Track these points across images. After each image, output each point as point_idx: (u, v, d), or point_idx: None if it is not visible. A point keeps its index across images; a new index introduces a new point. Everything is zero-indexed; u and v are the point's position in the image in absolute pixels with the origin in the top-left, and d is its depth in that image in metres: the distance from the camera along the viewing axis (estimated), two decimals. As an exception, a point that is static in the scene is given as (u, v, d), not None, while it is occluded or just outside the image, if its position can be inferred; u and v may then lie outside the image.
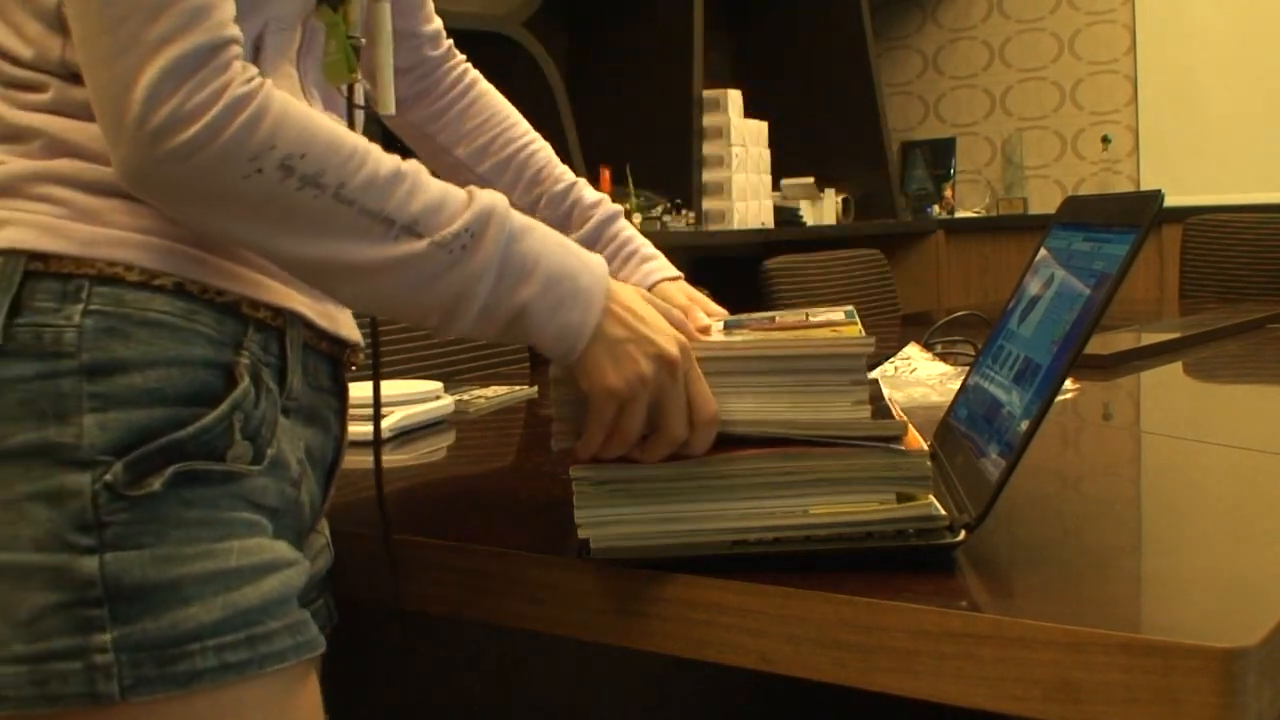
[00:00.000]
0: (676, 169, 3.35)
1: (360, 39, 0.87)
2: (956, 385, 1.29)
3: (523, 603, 0.84)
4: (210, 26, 0.68)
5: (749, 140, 3.57)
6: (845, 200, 4.01)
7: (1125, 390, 1.49)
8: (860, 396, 0.79)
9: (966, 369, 1.27)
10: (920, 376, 1.53)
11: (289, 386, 0.80)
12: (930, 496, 0.77)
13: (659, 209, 3.27)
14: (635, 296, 0.80)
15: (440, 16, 1.12)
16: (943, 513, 0.77)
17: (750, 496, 0.78)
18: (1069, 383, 1.47)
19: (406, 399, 1.33)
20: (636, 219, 3.14)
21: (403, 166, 0.74)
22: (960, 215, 4.33)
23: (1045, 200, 4.23)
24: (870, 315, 2.83)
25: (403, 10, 1.06)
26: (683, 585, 0.77)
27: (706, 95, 3.44)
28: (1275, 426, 1.19)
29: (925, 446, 0.78)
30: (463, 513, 0.97)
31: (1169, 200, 1.01)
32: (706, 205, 3.48)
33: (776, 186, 3.87)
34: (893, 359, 1.64)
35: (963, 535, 0.76)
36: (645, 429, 0.78)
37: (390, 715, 0.79)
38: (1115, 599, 0.69)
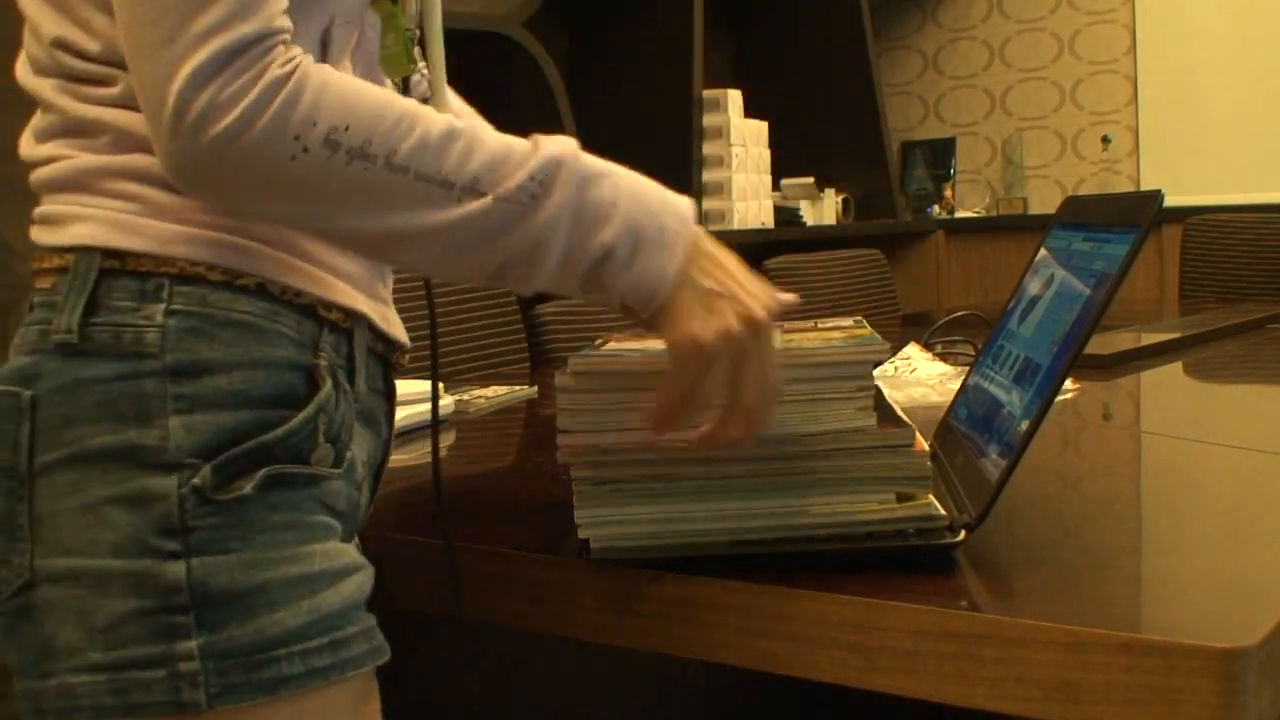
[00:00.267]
0: (676, 169, 3.35)
1: (416, 30, 0.86)
2: (956, 385, 1.29)
3: (523, 603, 0.84)
4: (256, 19, 0.67)
5: (749, 140, 3.57)
6: (845, 200, 4.01)
7: (1125, 390, 1.49)
8: (865, 403, 0.78)
9: (966, 369, 1.27)
10: (920, 376, 1.53)
11: (356, 389, 0.80)
12: (930, 496, 0.77)
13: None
14: (724, 249, 0.76)
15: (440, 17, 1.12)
16: (943, 513, 0.77)
17: (750, 496, 0.78)
18: (1069, 383, 1.47)
19: (406, 399, 1.33)
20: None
21: (456, 125, 0.71)
22: (960, 215, 4.33)
23: (1045, 200, 4.23)
24: (870, 315, 2.83)
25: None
26: (683, 585, 0.77)
27: (706, 95, 3.44)
28: (1275, 426, 1.19)
29: (925, 446, 0.78)
30: (463, 513, 0.97)
31: (1169, 200, 1.01)
32: (706, 205, 3.48)
33: (776, 186, 3.87)
34: (893, 359, 1.64)
35: (963, 535, 0.76)
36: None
37: (390, 715, 0.79)
38: (1115, 599, 0.69)
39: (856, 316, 0.96)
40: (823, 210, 3.93)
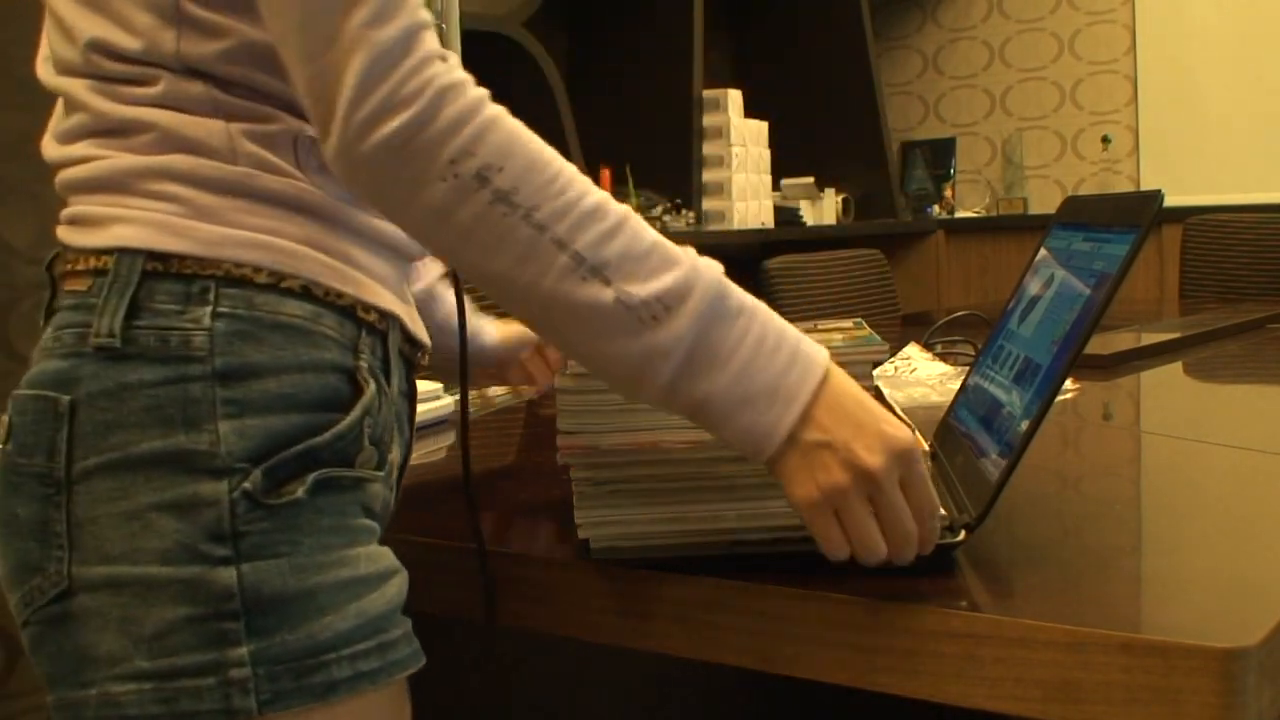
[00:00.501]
0: (676, 169, 3.35)
1: (441, 24, 0.86)
2: (956, 385, 1.29)
3: (523, 603, 0.84)
4: (409, 9, 0.67)
5: (749, 140, 3.57)
6: (845, 200, 4.01)
7: (1125, 390, 1.49)
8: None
9: (966, 369, 1.26)
10: (920, 376, 1.53)
11: (391, 390, 0.79)
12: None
13: (659, 209, 3.27)
14: (851, 393, 0.71)
15: (441, 16, 1.12)
16: (943, 513, 0.77)
17: (750, 496, 0.78)
18: (1069, 383, 1.47)
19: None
20: (636, 219, 3.14)
21: (613, 205, 0.69)
22: (960, 215, 4.33)
23: (1045, 200, 4.23)
24: (870, 315, 2.83)
25: None
26: (683, 585, 0.77)
27: (706, 95, 3.44)
28: (1275, 426, 1.19)
29: (925, 446, 0.78)
30: (463, 513, 0.97)
31: (1169, 200, 1.01)
32: (706, 205, 3.48)
33: (776, 186, 3.87)
34: (893, 359, 1.64)
35: (963, 535, 0.76)
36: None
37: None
38: (1115, 599, 0.69)
39: (856, 318, 0.96)
40: (823, 210, 3.93)
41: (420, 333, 0.84)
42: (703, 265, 0.70)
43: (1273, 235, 2.86)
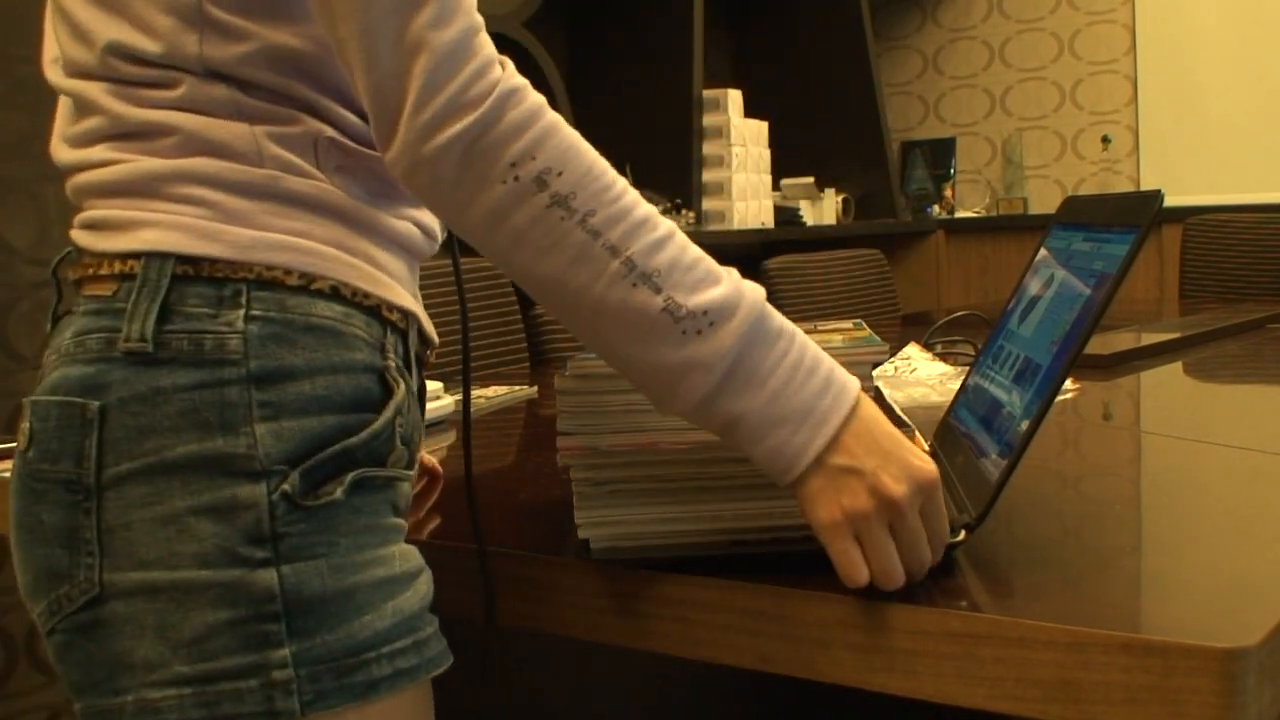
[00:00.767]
0: (676, 169, 3.35)
1: None
2: (956, 385, 1.29)
3: (523, 603, 0.84)
4: (466, 11, 0.68)
5: (749, 140, 3.57)
6: (845, 200, 4.01)
7: (1125, 390, 1.49)
8: None
9: (966, 369, 1.26)
10: (920, 376, 1.53)
11: (413, 389, 0.80)
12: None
13: (659, 209, 3.27)
14: (880, 423, 0.72)
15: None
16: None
17: (750, 496, 0.78)
18: (1069, 383, 1.47)
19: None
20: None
21: (661, 218, 0.71)
22: (960, 215, 4.33)
23: (1045, 200, 4.23)
24: (870, 315, 2.83)
25: None
26: (683, 585, 0.77)
27: (706, 95, 3.44)
28: (1275, 426, 1.19)
29: (925, 446, 0.78)
30: (463, 513, 0.97)
31: (1169, 200, 1.01)
32: (706, 205, 3.48)
33: (776, 186, 3.87)
34: (893, 359, 1.64)
35: (963, 535, 0.76)
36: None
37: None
38: (1115, 599, 0.69)
39: (856, 319, 0.96)
40: (823, 210, 3.93)
41: (431, 331, 0.84)
42: (746, 286, 0.71)
43: (1273, 235, 2.86)
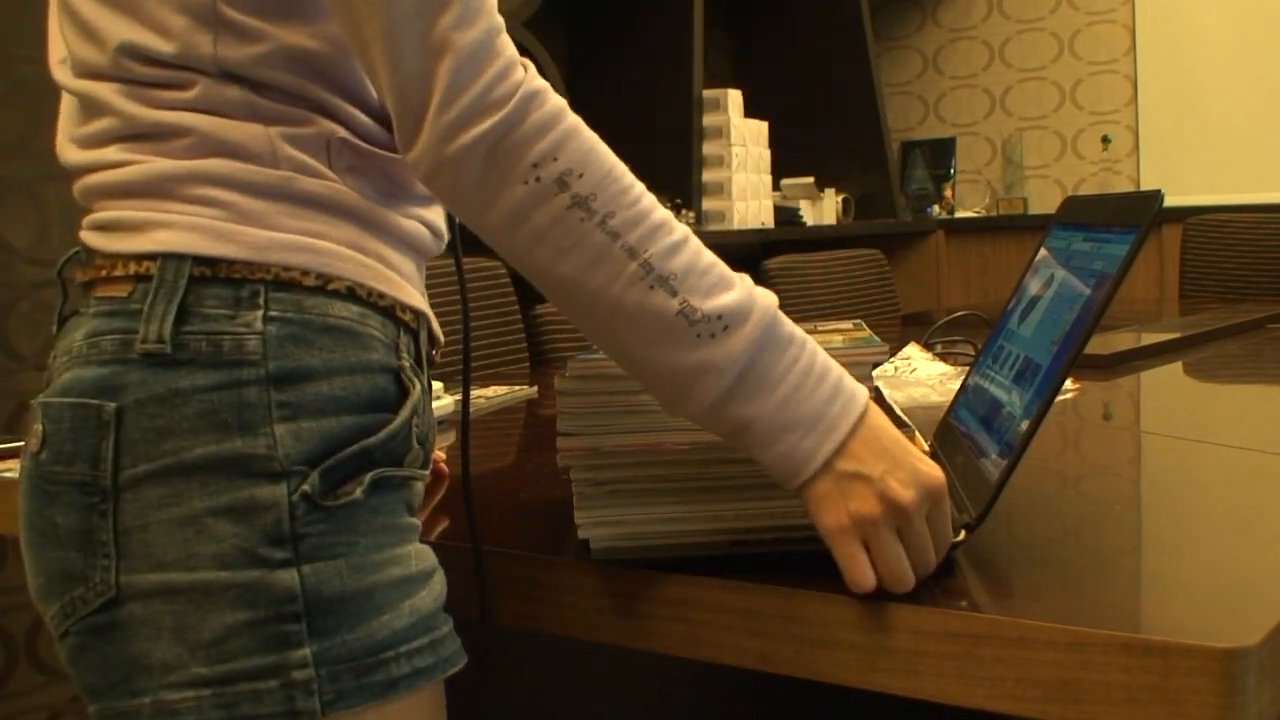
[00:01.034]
0: (676, 169, 3.35)
1: None
2: (956, 385, 1.29)
3: (523, 603, 0.84)
4: (488, 12, 0.68)
5: (749, 140, 3.57)
6: (845, 200, 4.01)
7: (1125, 390, 1.49)
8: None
9: (966, 369, 1.26)
10: (920, 376, 1.53)
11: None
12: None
13: (659, 209, 3.27)
14: (888, 430, 0.72)
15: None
16: (943, 513, 0.76)
17: (750, 496, 0.78)
18: (1069, 383, 1.47)
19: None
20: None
21: (678, 224, 0.71)
22: (960, 215, 4.33)
23: (1045, 200, 4.23)
24: (870, 315, 2.83)
25: None
26: (683, 585, 0.77)
27: (706, 95, 3.44)
28: (1275, 426, 1.19)
29: (925, 446, 0.78)
30: (462, 513, 0.97)
31: (1169, 200, 1.00)
32: (706, 205, 3.48)
33: (776, 186, 3.87)
34: (893, 359, 1.64)
35: (963, 535, 0.76)
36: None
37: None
38: (1115, 599, 0.69)
39: (856, 319, 0.96)
40: (823, 210, 3.93)
41: (438, 331, 0.85)
42: (759, 293, 0.71)
43: (1273, 235, 2.86)
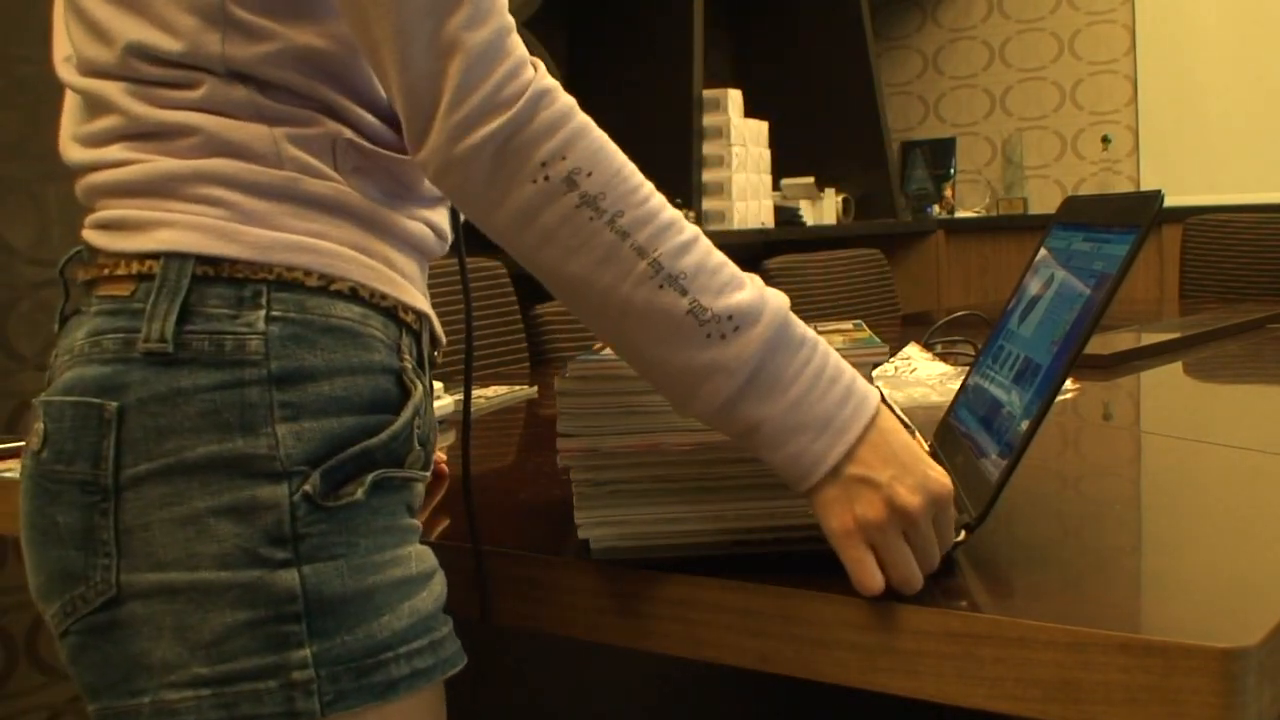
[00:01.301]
0: (676, 169, 3.35)
1: None
2: (956, 385, 1.29)
3: (523, 603, 0.84)
4: (499, 12, 0.69)
5: (749, 140, 3.57)
6: (845, 200, 4.01)
7: (1125, 390, 1.49)
8: None
9: (966, 369, 1.26)
10: (920, 376, 1.53)
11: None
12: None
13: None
14: (898, 434, 0.72)
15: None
16: (943, 513, 0.76)
17: (750, 496, 0.78)
18: (1069, 383, 1.47)
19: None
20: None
21: (688, 223, 0.71)
22: (960, 215, 4.33)
23: (1045, 200, 4.23)
24: (870, 315, 2.83)
25: None
26: (683, 585, 0.77)
27: (706, 95, 3.44)
28: (1275, 426, 1.19)
29: (925, 446, 0.78)
30: (462, 513, 0.97)
31: (1169, 200, 1.00)
32: (706, 205, 3.48)
33: (776, 186, 3.87)
34: (893, 359, 1.64)
35: (963, 535, 0.76)
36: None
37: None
38: (1115, 599, 0.69)
39: (856, 319, 0.96)
40: (823, 210, 3.93)
41: (440, 332, 0.85)
42: (770, 293, 0.71)
43: (1273, 235, 2.86)
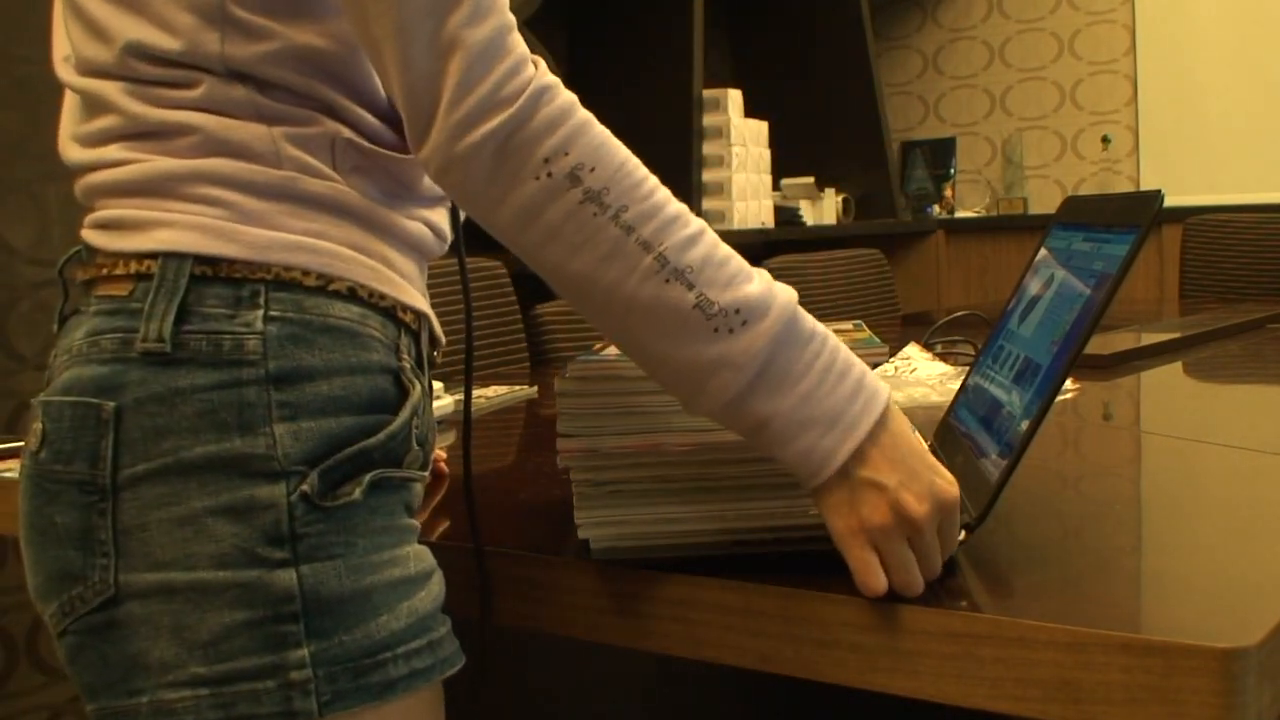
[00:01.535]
0: (676, 169, 3.35)
1: None
2: (956, 385, 1.29)
3: (523, 603, 0.84)
4: (500, 9, 0.68)
5: (749, 140, 3.57)
6: (845, 200, 4.01)
7: (1125, 390, 1.49)
8: None
9: (966, 369, 1.26)
10: (920, 376, 1.53)
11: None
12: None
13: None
14: (906, 437, 0.71)
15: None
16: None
17: (750, 497, 0.78)
18: (1069, 383, 1.47)
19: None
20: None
21: (693, 217, 0.70)
22: (960, 215, 4.33)
23: (1045, 200, 4.23)
24: (870, 315, 2.83)
25: None
26: (683, 585, 0.77)
27: (706, 95, 3.44)
28: (1275, 426, 1.19)
29: (925, 446, 0.78)
30: (463, 513, 0.97)
31: (1169, 200, 1.00)
32: (706, 205, 3.48)
33: (776, 186, 3.87)
34: (893, 359, 1.64)
35: (963, 535, 0.76)
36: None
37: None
38: (1115, 599, 0.69)
39: (856, 320, 0.96)
40: (823, 210, 3.93)
41: (439, 332, 0.85)
42: (778, 287, 0.71)
43: (1273, 235, 2.86)
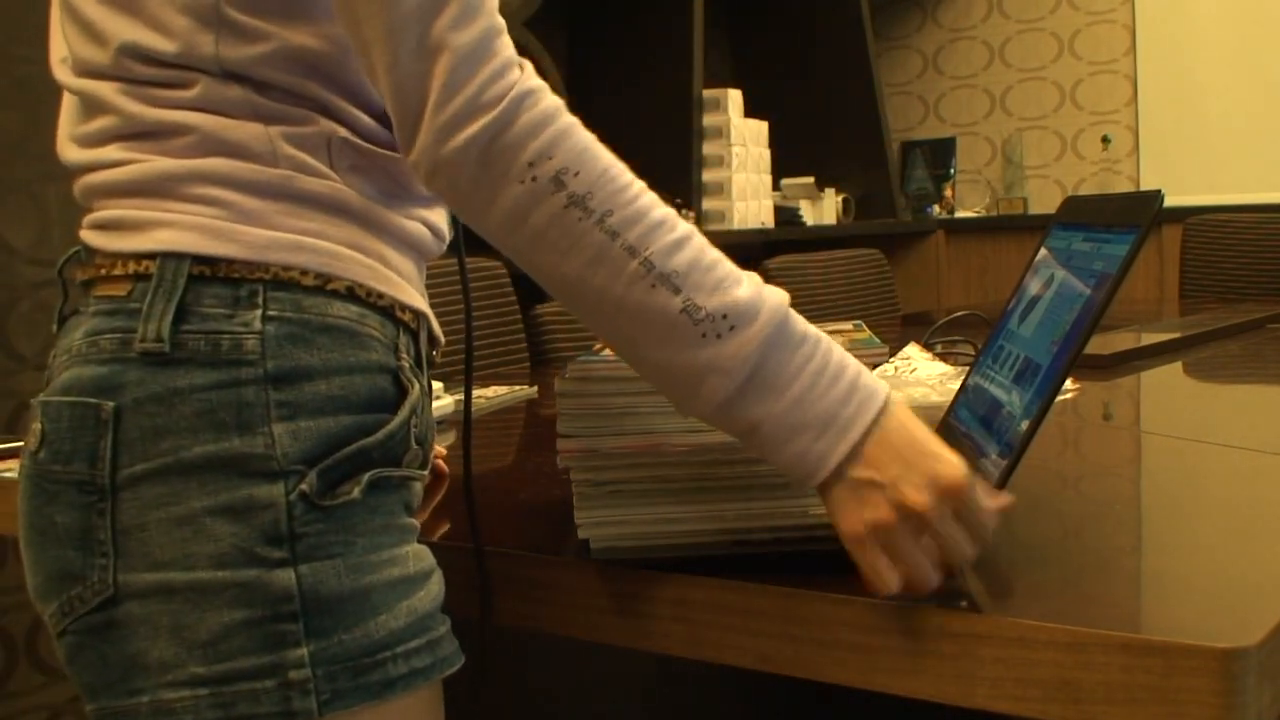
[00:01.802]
0: (676, 169, 3.35)
1: None
2: (956, 385, 1.29)
3: (523, 603, 0.84)
4: (488, 13, 0.68)
5: (749, 140, 3.57)
6: (845, 200, 4.01)
7: (1125, 390, 1.49)
8: None
9: (966, 369, 1.26)
10: (920, 376, 1.53)
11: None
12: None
13: (660, 209, 3.26)
14: (906, 429, 0.70)
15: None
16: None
17: (750, 497, 0.78)
18: (1069, 383, 1.47)
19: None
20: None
21: (679, 220, 0.70)
22: (960, 215, 4.33)
23: (1045, 200, 4.23)
24: (870, 315, 2.83)
25: None
26: (683, 585, 0.77)
27: (706, 95, 3.44)
28: (1275, 426, 1.19)
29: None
30: (463, 513, 0.97)
31: (1169, 200, 1.01)
32: (706, 205, 3.48)
33: (776, 186, 3.87)
34: (893, 359, 1.64)
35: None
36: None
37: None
38: (1115, 599, 0.69)
39: (856, 320, 0.96)
40: (823, 210, 3.93)
41: (438, 331, 0.85)
42: (768, 291, 0.71)
43: (1273, 235, 2.86)
